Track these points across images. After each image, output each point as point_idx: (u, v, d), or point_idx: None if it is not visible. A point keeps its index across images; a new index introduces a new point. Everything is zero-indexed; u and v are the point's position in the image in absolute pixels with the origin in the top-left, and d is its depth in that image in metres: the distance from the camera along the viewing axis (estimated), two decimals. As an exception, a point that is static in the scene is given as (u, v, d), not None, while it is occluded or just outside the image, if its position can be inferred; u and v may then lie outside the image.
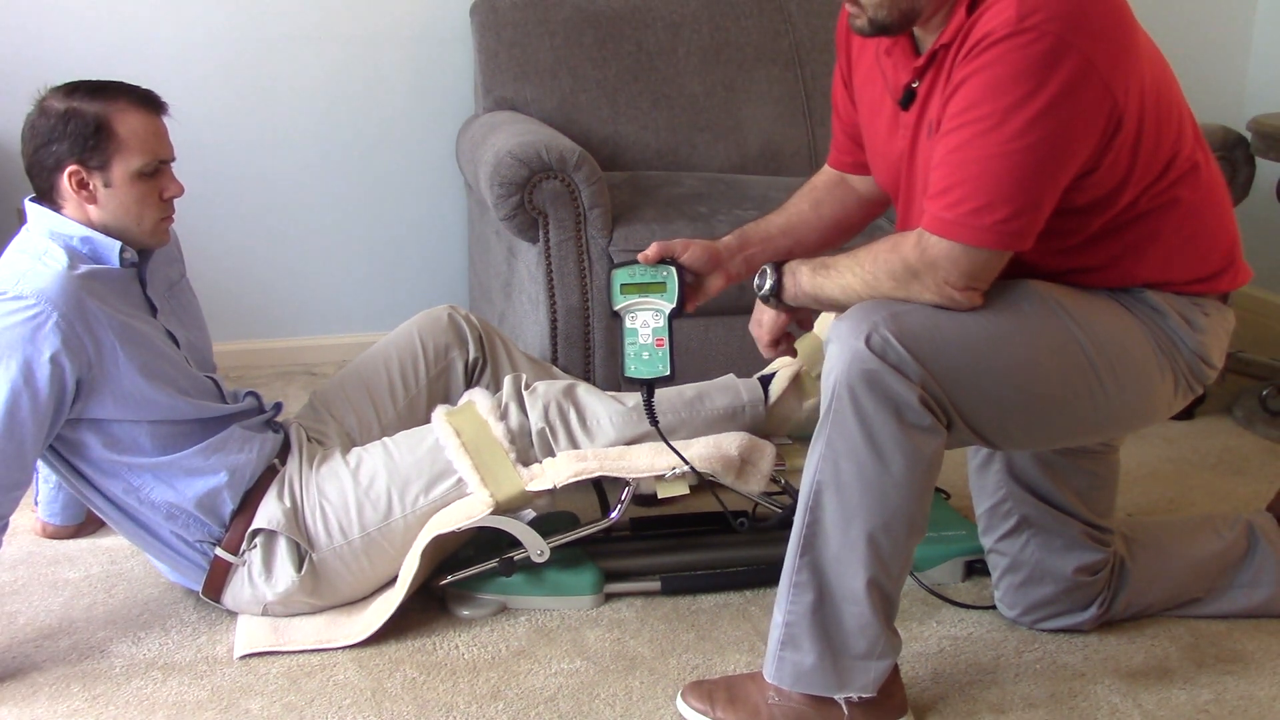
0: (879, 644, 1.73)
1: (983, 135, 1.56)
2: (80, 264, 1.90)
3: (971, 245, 1.60)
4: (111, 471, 1.97)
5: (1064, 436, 1.83)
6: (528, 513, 2.05)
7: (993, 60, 1.55)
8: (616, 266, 1.89)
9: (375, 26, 3.26)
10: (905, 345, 1.62)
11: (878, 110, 1.84)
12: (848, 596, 1.70)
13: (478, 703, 1.87)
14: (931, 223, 1.61)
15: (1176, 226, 1.75)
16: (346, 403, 2.25)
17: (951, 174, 1.60)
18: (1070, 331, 1.70)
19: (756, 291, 1.83)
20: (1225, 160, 2.82)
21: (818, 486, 1.68)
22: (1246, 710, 1.88)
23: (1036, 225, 1.62)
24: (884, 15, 1.66)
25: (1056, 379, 1.70)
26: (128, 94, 1.93)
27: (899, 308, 1.65)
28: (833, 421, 1.66)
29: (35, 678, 1.92)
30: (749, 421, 2.13)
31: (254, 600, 2.04)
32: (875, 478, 1.65)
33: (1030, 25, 1.53)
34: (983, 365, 1.66)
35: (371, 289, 3.43)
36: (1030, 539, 2.00)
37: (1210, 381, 1.85)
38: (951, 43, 1.63)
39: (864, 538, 1.67)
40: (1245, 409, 3.02)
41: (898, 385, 1.62)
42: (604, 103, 3.14)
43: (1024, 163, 1.56)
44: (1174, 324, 1.78)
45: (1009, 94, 1.54)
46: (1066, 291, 1.74)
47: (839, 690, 1.74)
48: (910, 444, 1.64)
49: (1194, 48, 3.70)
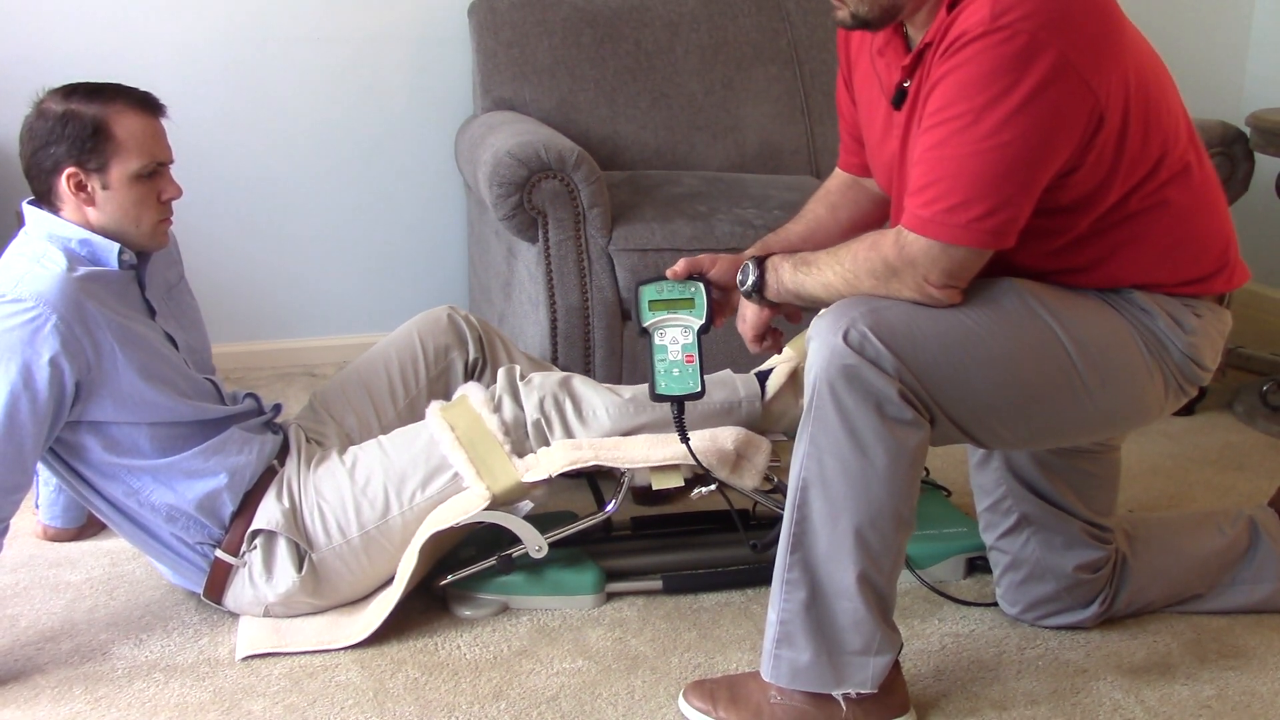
0: (875, 639, 1.73)
1: (958, 133, 1.57)
2: (79, 266, 1.90)
3: (949, 243, 1.61)
4: (111, 474, 1.97)
5: (1051, 436, 1.83)
6: (526, 504, 2.05)
7: (968, 58, 1.56)
8: (644, 283, 1.87)
9: (374, 27, 3.26)
10: (882, 339, 1.63)
11: (874, 111, 1.84)
12: (839, 592, 1.71)
13: (480, 703, 1.87)
14: (909, 220, 1.63)
15: (1166, 229, 1.74)
16: (346, 404, 2.25)
17: (928, 172, 1.61)
18: (1051, 330, 1.70)
19: (739, 287, 1.84)
20: (1224, 155, 2.82)
21: (804, 484, 1.69)
22: (1249, 706, 1.88)
23: (1016, 224, 1.62)
24: (865, 10, 1.67)
25: (1035, 376, 1.70)
26: (126, 96, 1.93)
27: (877, 303, 1.66)
28: (815, 418, 1.67)
29: (37, 680, 1.92)
30: (745, 417, 2.13)
31: (255, 601, 2.04)
32: (859, 473, 1.66)
33: (1004, 23, 1.54)
34: (959, 360, 1.66)
35: (371, 290, 3.43)
36: (1030, 537, 2.00)
37: (1204, 383, 1.85)
38: (934, 41, 1.64)
39: (851, 533, 1.68)
40: (1246, 404, 3.02)
41: (876, 380, 1.63)
42: (602, 102, 3.14)
43: (999, 160, 1.57)
44: (1163, 325, 1.77)
45: (983, 92, 1.55)
46: (1051, 291, 1.74)
47: (836, 686, 1.74)
48: (892, 438, 1.65)
49: (1193, 43, 3.70)
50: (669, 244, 2.66)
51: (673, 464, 2.02)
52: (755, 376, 2.21)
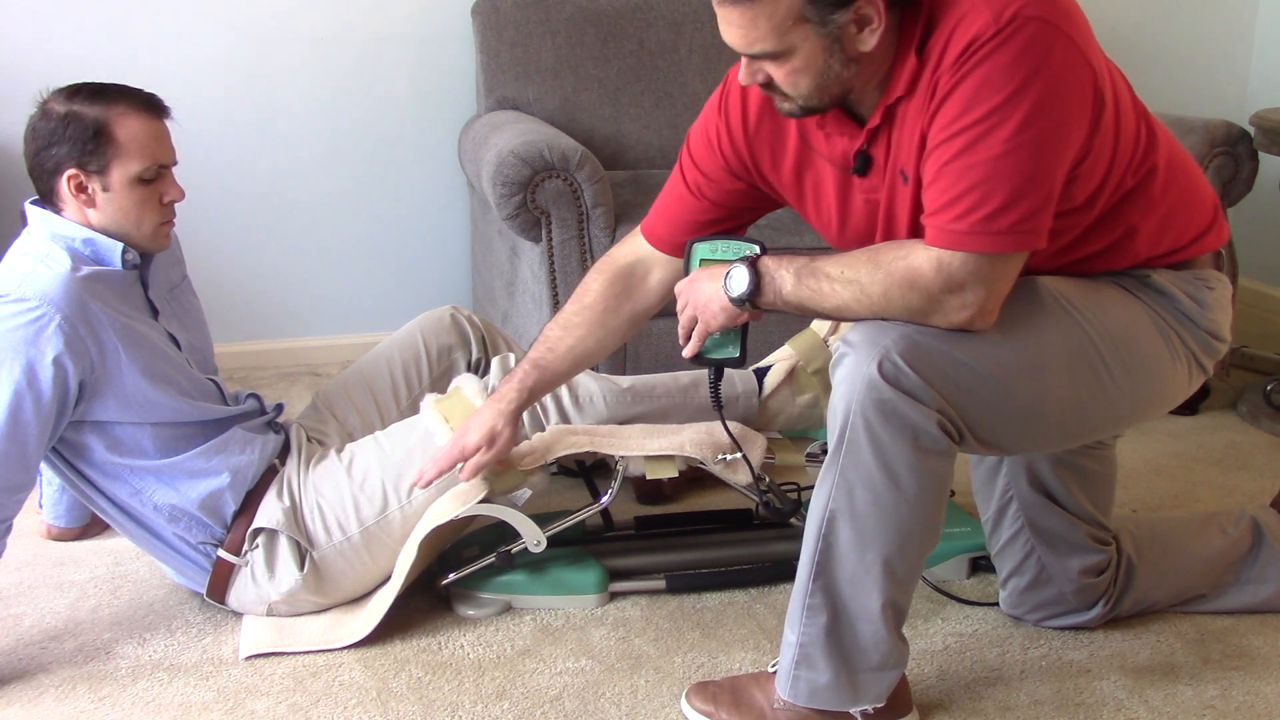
0: (891, 655, 1.72)
1: (985, 136, 1.52)
2: (82, 266, 1.90)
3: (994, 253, 1.54)
4: (114, 474, 1.98)
5: (1077, 435, 1.81)
6: (524, 493, 2.04)
7: (981, 61, 1.51)
8: (698, 241, 1.78)
9: (377, 27, 3.26)
10: (917, 370, 1.58)
11: (819, 181, 1.76)
12: (862, 616, 1.69)
13: (483, 702, 1.87)
14: (943, 238, 1.55)
15: (1161, 192, 1.71)
16: (349, 403, 2.25)
17: (955, 184, 1.53)
18: (1081, 329, 1.67)
19: (726, 294, 1.68)
20: (1228, 155, 2.81)
21: (831, 515, 1.65)
22: (1252, 706, 1.87)
23: (1049, 220, 1.57)
24: (814, 102, 1.61)
25: (1068, 382, 1.67)
26: (129, 98, 1.92)
27: (909, 328, 1.60)
28: (846, 450, 1.62)
29: (41, 679, 1.92)
30: (742, 412, 2.13)
31: (258, 600, 2.04)
32: (891, 505, 1.63)
33: (1009, 18, 1.50)
34: (996, 380, 1.62)
35: (374, 290, 3.43)
36: (1036, 542, 1.99)
37: (1221, 356, 1.82)
38: (907, 94, 1.59)
39: (880, 562, 1.65)
40: (1250, 404, 3.01)
41: (913, 413, 1.58)
42: (606, 102, 3.14)
43: (1032, 155, 1.52)
44: (1185, 306, 1.75)
45: (1004, 89, 1.50)
46: (1074, 286, 1.70)
47: (854, 704, 1.74)
48: (925, 468, 1.62)
49: (1197, 42, 3.69)
50: (672, 244, 2.66)
51: (667, 454, 2.02)
52: (754, 373, 2.21)
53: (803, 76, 1.58)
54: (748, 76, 1.62)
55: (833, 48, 1.55)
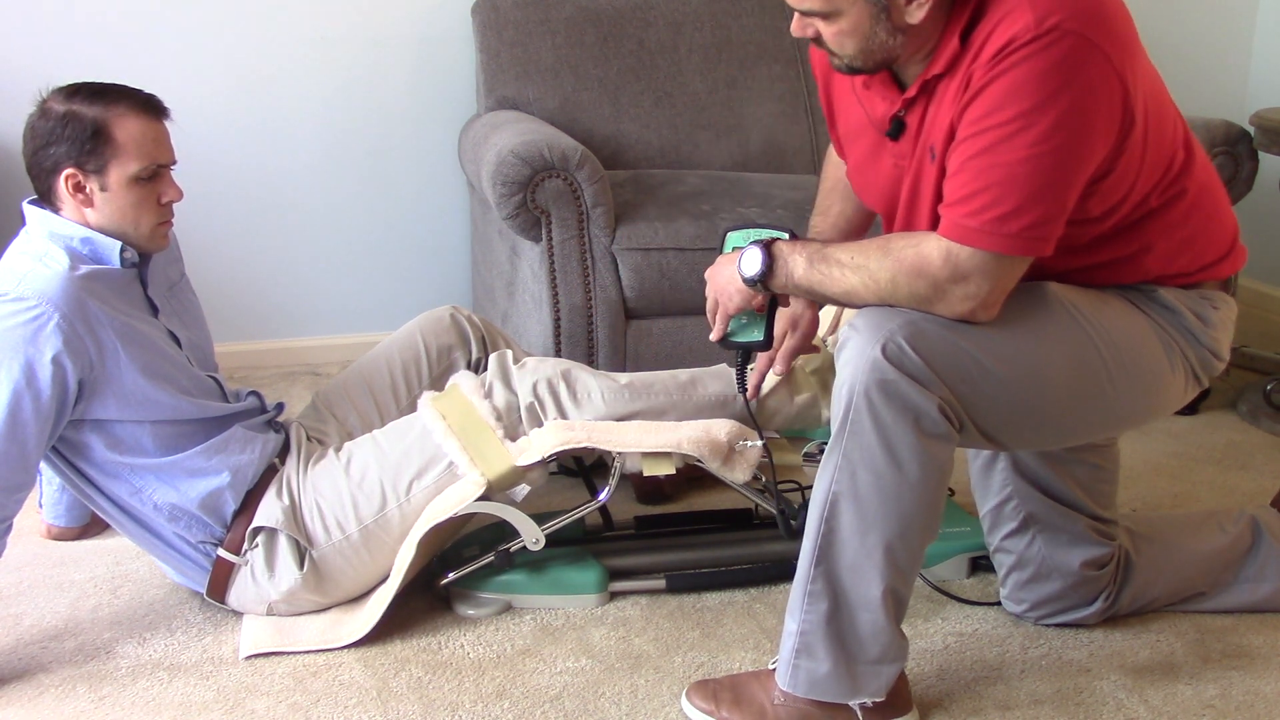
0: (891, 648, 1.73)
1: (1010, 139, 1.55)
2: (81, 265, 1.90)
3: (1002, 253, 1.58)
4: (114, 473, 1.98)
5: (1077, 435, 1.84)
6: (523, 489, 2.04)
7: (1015, 63, 1.54)
8: (732, 229, 1.84)
9: (377, 27, 3.26)
10: (921, 354, 1.60)
11: (859, 134, 1.83)
12: (863, 604, 1.70)
13: (483, 701, 1.87)
14: (955, 231, 1.59)
15: (1184, 216, 1.75)
16: (349, 403, 2.25)
17: (974, 180, 1.57)
18: (1086, 333, 1.70)
19: (740, 273, 1.75)
20: (1228, 155, 2.81)
21: (834, 496, 1.67)
22: (1252, 705, 1.87)
23: (1059, 230, 1.60)
24: (860, 64, 1.67)
25: (1070, 382, 1.70)
26: (129, 98, 1.92)
27: (913, 314, 1.63)
28: (850, 431, 1.64)
29: (41, 679, 1.92)
30: (740, 410, 2.13)
31: (258, 600, 2.04)
32: (893, 487, 1.64)
33: (1049, 27, 1.53)
34: (998, 374, 1.65)
35: (374, 289, 3.43)
36: (1036, 535, 1.99)
37: (1217, 373, 1.85)
38: (946, 72, 1.62)
39: (881, 547, 1.66)
40: (1250, 404, 3.01)
41: (915, 395, 1.61)
42: (606, 101, 3.14)
43: (1052, 165, 1.55)
44: (1189, 322, 1.78)
45: (1033, 96, 1.53)
46: (1079, 293, 1.73)
47: (853, 697, 1.74)
48: (927, 453, 1.63)
49: (1197, 42, 3.69)
50: (672, 243, 2.66)
51: (664, 451, 2.02)
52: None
53: (849, 39, 1.63)
54: (800, 29, 1.67)
55: (879, 16, 1.60)
